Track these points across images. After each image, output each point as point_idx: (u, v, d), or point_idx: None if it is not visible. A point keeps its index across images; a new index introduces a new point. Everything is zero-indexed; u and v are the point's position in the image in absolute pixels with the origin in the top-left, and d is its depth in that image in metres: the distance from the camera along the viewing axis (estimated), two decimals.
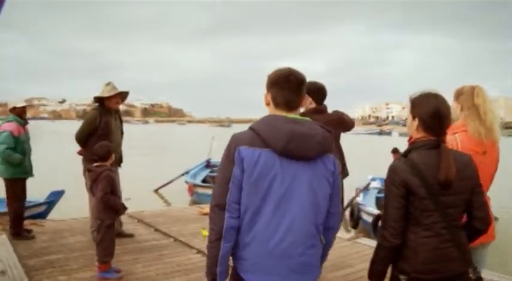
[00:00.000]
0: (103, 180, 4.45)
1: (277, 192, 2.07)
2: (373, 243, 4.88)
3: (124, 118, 7.20)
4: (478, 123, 2.85)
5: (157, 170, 18.98)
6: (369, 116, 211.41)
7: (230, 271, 2.22)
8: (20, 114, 6.27)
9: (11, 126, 6.09)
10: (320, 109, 4.22)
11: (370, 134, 74.55)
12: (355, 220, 10.18)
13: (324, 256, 2.34)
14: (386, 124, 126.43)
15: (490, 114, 2.88)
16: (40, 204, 8.24)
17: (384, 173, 2.49)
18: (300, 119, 2.16)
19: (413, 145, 2.38)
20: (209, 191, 10.56)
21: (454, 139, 2.85)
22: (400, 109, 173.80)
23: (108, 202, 4.47)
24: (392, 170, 2.33)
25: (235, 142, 2.12)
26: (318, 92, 4.21)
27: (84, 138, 5.94)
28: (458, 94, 3.02)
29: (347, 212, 10.48)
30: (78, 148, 6.09)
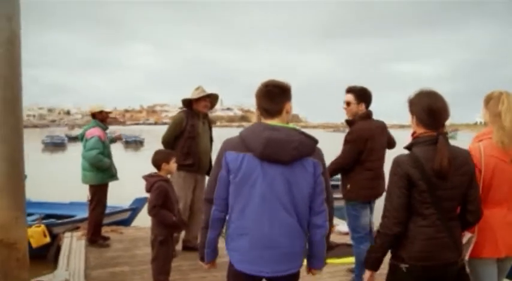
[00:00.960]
0: (154, 192, 4.12)
1: (259, 191, 2.32)
2: None
3: (240, 123, 6.85)
4: (502, 132, 2.73)
5: None
6: None
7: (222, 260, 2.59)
8: (104, 119, 6.27)
9: (97, 131, 6.09)
10: (369, 114, 4.29)
11: None
12: None
13: (314, 257, 2.52)
14: None
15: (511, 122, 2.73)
16: (124, 210, 8.23)
17: None
18: (280, 126, 2.37)
19: (415, 140, 2.53)
20: None
21: (478, 147, 2.79)
22: None
23: (156, 217, 4.13)
24: (396, 162, 2.47)
25: (224, 147, 2.44)
26: (370, 97, 4.29)
27: (171, 142, 5.69)
28: (488, 100, 2.87)
29: None
30: None
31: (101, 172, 6.03)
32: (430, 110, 2.47)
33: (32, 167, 6.57)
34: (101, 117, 6.25)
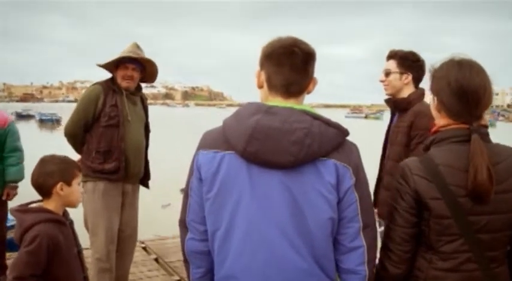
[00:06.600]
0: (25, 247, 2.00)
1: (246, 212, 1.47)
2: None
3: (164, 101, 4.37)
4: None
5: None
6: None
7: None
8: None
9: None
10: (423, 94, 2.92)
11: None
12: None
13: None
14: None
15: None
16: None
17: None
18: (279, 108, 1.47)
19: (436, 136, 1.67)
20: None
21: None
22: None
23: None
24: (401, 172, 1.65)
25: (200, 143, 1.61)
26: (422, 66, 2.94)
27: (79, 133, 3.44)
28: None
29: None
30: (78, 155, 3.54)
31: None
32: (460, 89, 1.58)
33: None
34: None
